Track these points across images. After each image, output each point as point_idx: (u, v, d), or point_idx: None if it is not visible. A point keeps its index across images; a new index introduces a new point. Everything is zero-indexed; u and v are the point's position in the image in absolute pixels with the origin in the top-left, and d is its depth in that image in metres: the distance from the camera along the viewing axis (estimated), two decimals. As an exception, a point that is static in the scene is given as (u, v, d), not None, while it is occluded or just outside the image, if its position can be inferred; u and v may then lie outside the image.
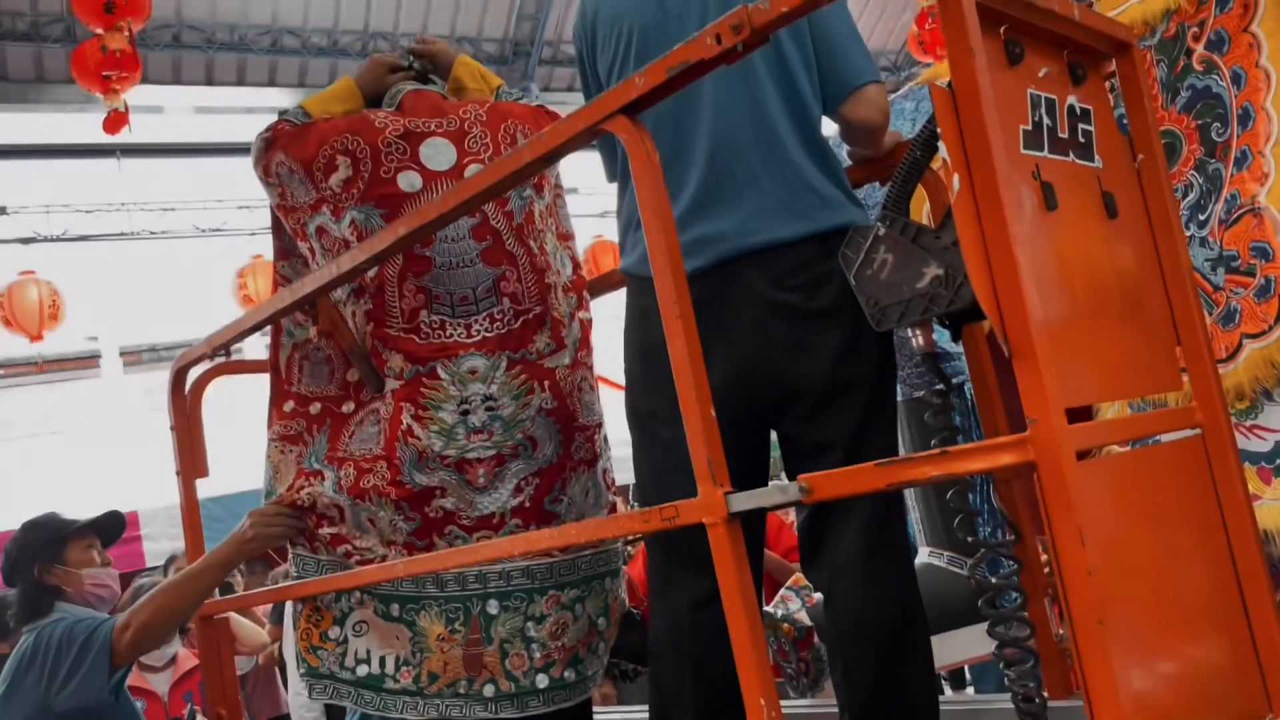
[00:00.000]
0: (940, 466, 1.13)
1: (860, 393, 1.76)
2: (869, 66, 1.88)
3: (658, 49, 1.92)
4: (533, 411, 2.14)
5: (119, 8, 6.67)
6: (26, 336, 8.24)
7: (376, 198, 2.14)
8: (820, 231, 1.78)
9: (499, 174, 1.60)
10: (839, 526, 1.76)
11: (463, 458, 2.10)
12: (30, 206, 9.28)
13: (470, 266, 2.14)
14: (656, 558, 1.91)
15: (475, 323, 2.14)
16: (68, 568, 2.64)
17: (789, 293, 1.75)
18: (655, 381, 1.86)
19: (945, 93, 1.19)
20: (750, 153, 1.82)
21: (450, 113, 2.23)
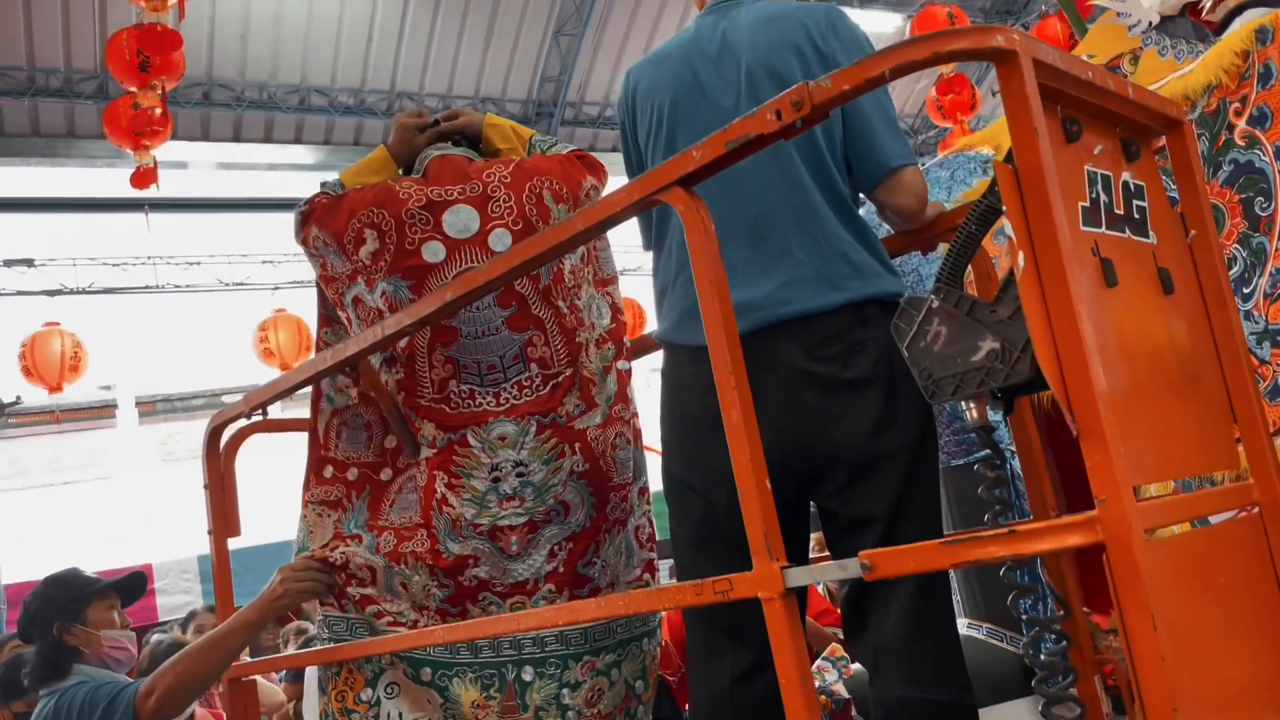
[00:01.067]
0: (1007, 547, 1.11)
1: (897, 464, 1.74)
2: (903, 150, 1.88)
3: (688, 122, 1.96)
4: (564, 475, 2.13)
5: (154, 67, 6.80)
6: (46, 388, 8.28)
7: (403, 269, 2.15)
8: (854, 301, 1.78)
9: (550, 242, 1.61)
10: (884, 600, 1.73)
11: (495, 525, 2.09)
12: (58, 259, 9.38)
13: (496, 335, 2.15)
14: (697, 629, 1.89)
15: (504, 390, 2.14)
16: (88, 629, 2.62)
17: (822, 363, 1.75)
18: (690, 452, 1.87)
19: (1009, 170, 1.19)
20: (783, 222, 1.83)
21: (474, 177, 2.23)
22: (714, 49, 1.95)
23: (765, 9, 1.98)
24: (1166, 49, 2.52)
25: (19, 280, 9.09)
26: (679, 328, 1.90)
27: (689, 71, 1.96)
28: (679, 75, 1.97)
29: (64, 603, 2.65)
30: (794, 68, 1.87)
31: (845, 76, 1.25)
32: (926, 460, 1.80)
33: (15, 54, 9.51)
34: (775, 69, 1.88)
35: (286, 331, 9.26)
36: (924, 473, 1.78)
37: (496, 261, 1.71)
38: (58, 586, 2.71)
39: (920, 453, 1.77)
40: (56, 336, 8.17)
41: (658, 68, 2.03)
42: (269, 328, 9.30)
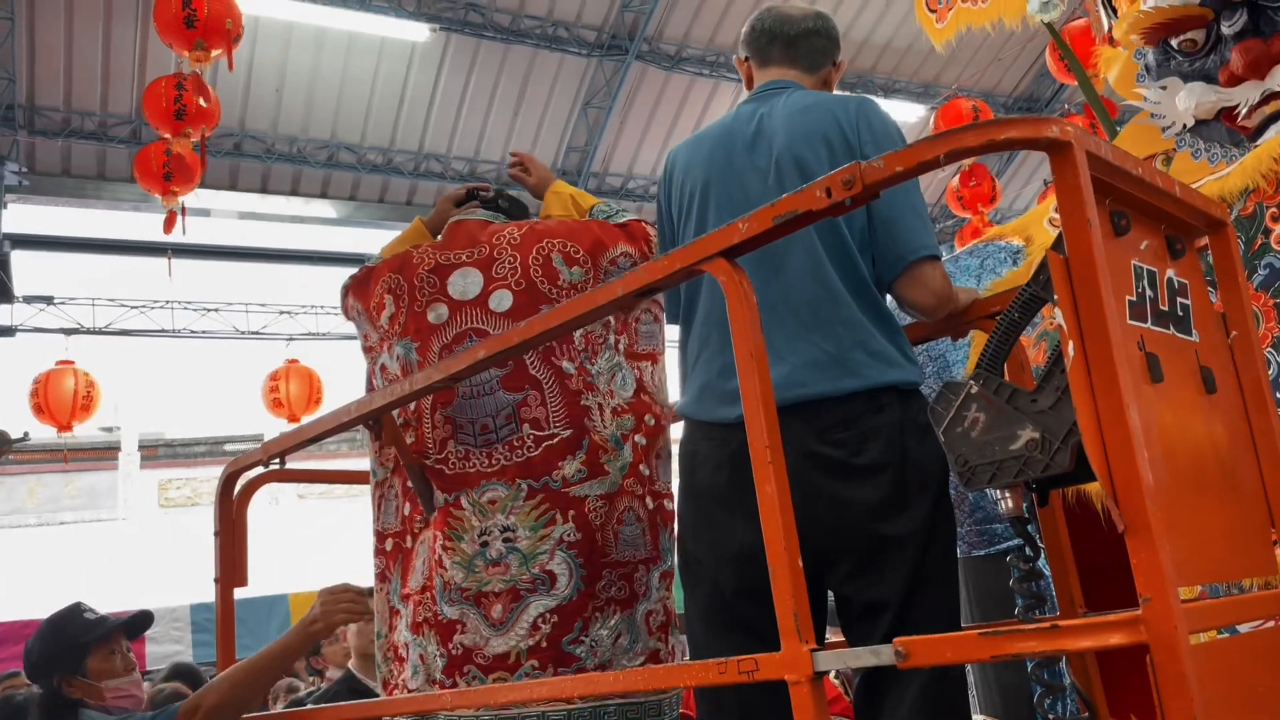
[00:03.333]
0: (1048, 642, 1.09)
1: (908, 551, 1.73)
2: (925, 242, 1.86)
3: (719, 203, 1.98)
4: (551, 544, 2.06)
5: (189, 115, 6.91)
6: (56, 426, 8.27)
7: (412, 331, 2.19)
8: (868, 388, 1.78)
9: (588, 306, 1.61)
10: (898, 690, 1.70)
11: (480, 591, 2.04)
12: (78, 298, 9.45)
13: (490, 395, 2.13)
14: (708, 710, 1.85)
15: (495, 451, 2.11)
16: (89, 680, 2.52)
17: (832, 446, 1.74)
18: (700, 527, 1.86)
19: (1061, 259, 1.19)
20: (802, 307, 1.83)
21: (483, 240, 2.25)
22: (749, 133, 1.98)
23: (802, 98, 2.01)
24: (1200, 152, 2.54)
25: (37, 317, 9.14)
26: (696, 402, 1.91)
27: (724, 154, 1.99)
28: (714, 156, 2.01)
29: (60, 654, 2.54)
30: (822, 158, 1.89)
31: (899, 159, 1.26)
32: (940, 548, 1.77)
33: (53, 95, 9.69)
34: (803, 158, 1.90)
35: (297, 383, 9.27)
36: (937, 560, 1.75)
37: (534, 321, 1.70)
38: (55, 635, 2.58)
39: (932, 540, 1.75)
40: (70, 375, 8.18)
41: (695, 148, 2.07)
42: (280, 378, 9.32)
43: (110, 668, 2.57)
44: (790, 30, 2.09)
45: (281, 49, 10.07)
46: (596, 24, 11.12)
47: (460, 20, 10.32)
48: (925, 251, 1.85)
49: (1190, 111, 2.53)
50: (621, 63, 11.21)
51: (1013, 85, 13.28)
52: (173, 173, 7.46)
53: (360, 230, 11.83)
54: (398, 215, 11.59)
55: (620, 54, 11.16)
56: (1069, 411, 1.35)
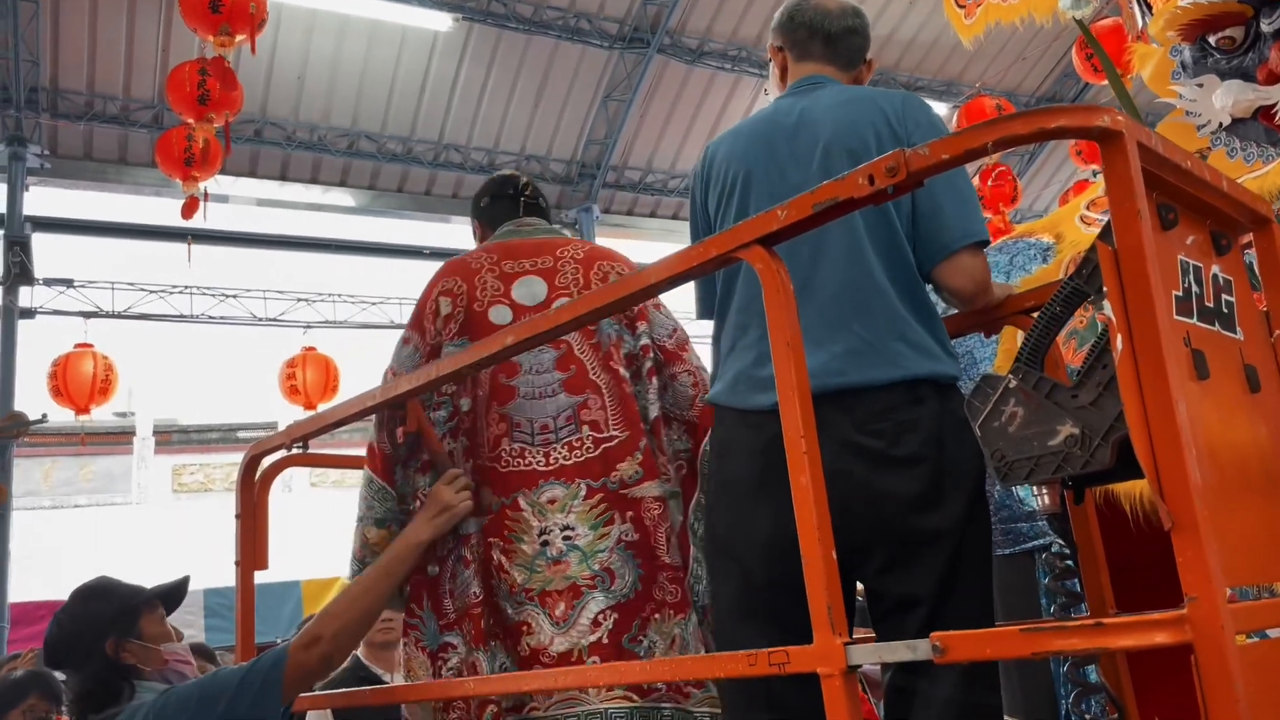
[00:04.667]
0: (1091, 639, 1.07)
1: (943, 545, 1.70)
2: (971, 229, 1.84)
3: (760, 193, 1.95)
4: (611, 542, 2.09)
5: (212, 101, 6.92)
6: (74, 409, 8.30)
7: (470, 331, 2.21)
8: (908, 379, 1.75)
9: (626, 291, 1.59)
10: (928, 688, 1.68)
11: (544, 591, 2.06)
12: (97, 281, 9.48)
13: (553, 397, 2.19)
14: (733, 702, 1.84)
15: (554, 450, 2.14)
16: (145, 643, 2.24)
17: (870, 437, 1.72)
18: (732, 516, 1.84)
19: (1110, 251, 1.17)
20: (844, 295, 1.81)
21: (547, 252, 2.33)
22: (791, 125, 1.96)
23: (845, 91, 2.00)
24: (1236, 151, 2.50)
25: (57, 300, 9.18)
26: (730, 390, 1.89)
27: (765, 145, 1.97)
28: (754, 148, 1.98)
29: (112, 617, 2.24)
30: (870, 146, 1.87)
31: (945, 146, 1.24)
32: (975, 544, 1.75)
33: (76, 78, 9.73)
34: (851, 147, 1.88)
35: (314, 370, 9.29)
36: (973, 556, 1.73)
37: (565, 308, 1.69)
38: (101, 599, 2.29)
39: (968, 536, 1.73)
40: (89, 358, 8.21)
41: (735, 140, 2.04)
42: (297, 365, 9.34)
43: (164, 631, 2.34)
44: (831, 27, 2.07)
45: (304, 36, 10.08)
46: (619, 16, 11.10)
47: (482, 10, 10.32)
48: (972, 239, 1.83)
49: (1227, 109, 2.49)
50: (643, 56, 11.19)
51: (1036, 84, 13.20)
52: (194, 158, 7.48)
53: (379, 220, 11.85)
54: (416, 205, 11.60)
55: (642, 47, 11.14)
56: (1110, 407, 1.33)
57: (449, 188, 11.72)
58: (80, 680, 2.19)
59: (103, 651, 2.18)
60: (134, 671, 2.19)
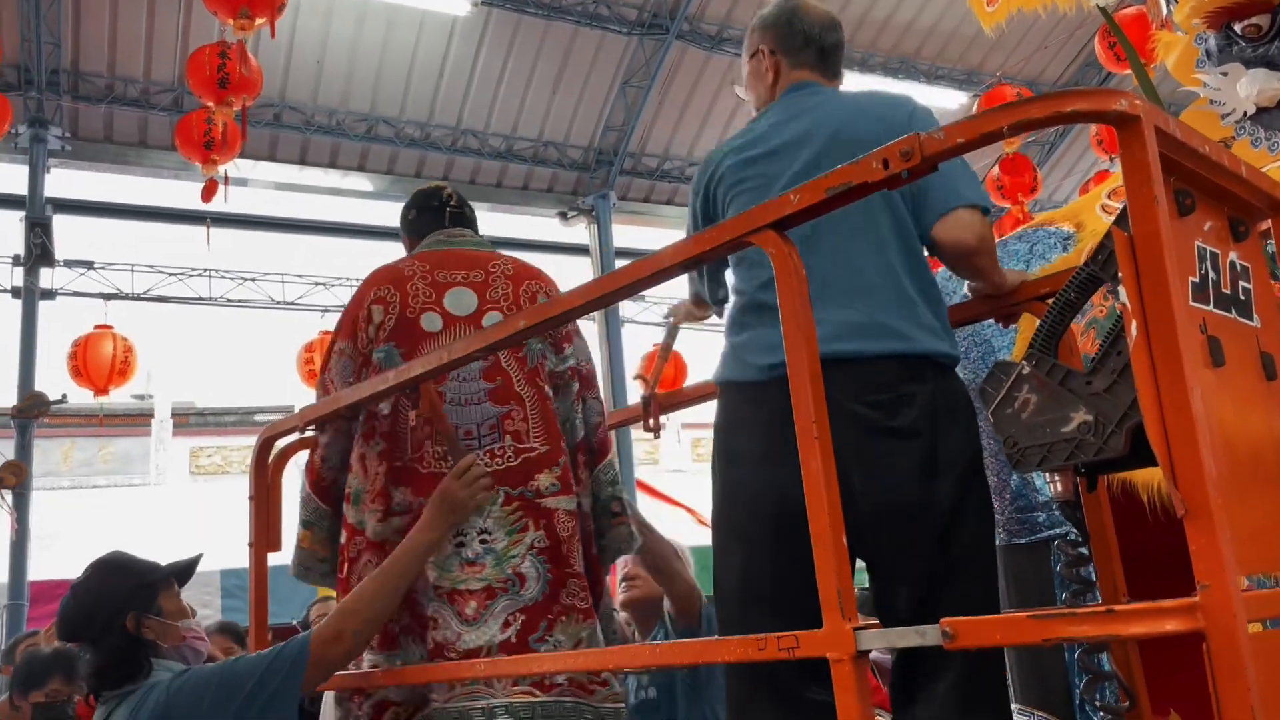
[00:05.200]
0: (1102, 626, 1.06)
1: (937, 521, 1.71)
2: (968, 193, 1.87)
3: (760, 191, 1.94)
4: (524, 548, 2.18)
5: (232, 84, 6.94)
6: (93, 390, 8.36)
7: (399, 336, 2.27)
8: (907, 353, 1.78)
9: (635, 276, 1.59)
10: (935, 677, 1.68)
11: (455, 589, 2.14)
12: (117, 263, 9.54)
13: (478, 405, 2.26)
14: (737, 685, 1.84)
15: (476, 458, 2.19)
16: (164, 619, 2.22)
17: (869, 408, 1.73)
18: (739, 496, 1.84)
19: (1125, 236, 1.16)
20: (851, 271, 1.82)
21: (479, 266, 2.39)
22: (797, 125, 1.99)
23: (846, 94, 2.06)
24: (1260, 140, 2.48)
25: (77, 281, 9.24)
26: (733, 362, 1.90)
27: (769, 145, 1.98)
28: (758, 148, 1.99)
29: (131, 592, 2.22)
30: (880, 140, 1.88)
31: (960, 130, 1.23)
32: (971, 523, 1.76)
33: (97, 61, 9.77)
34: (860, 138, 1.90)
35: (332, 354, 9.32)
36: (969, 536, 1.74)
37: (576, 291, 1.69)
38: (120, 573, 2.27)
39: (962, 515, 1.73)
40: (109, 340, 8.26)
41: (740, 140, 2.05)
42: (315, 349, 9.36)
43: (182, 608, 2.32)
44: (826, 40, 2.11)
45: (323, 20, 10.09)
46: (638, 2, 11.06)
47: (502, -5, 10.30)
48: (971, 199, 1.85)
49: (1251, 99, 2.47)
50: (662, 42, 11.15)
51: (1058, 74, 13.09)
52: (213, 141, 7.51)
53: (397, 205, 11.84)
54: (434, 190, 11.60)
55: (661, 33, 11.10)
56: (1125, 394, 1.32)
57: (466, 173, 11.73)
58: (98, 654, 2.17)
59: (122, 626, 2.15)
60: (152, 648, 2.17)
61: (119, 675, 2.13)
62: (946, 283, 2.61)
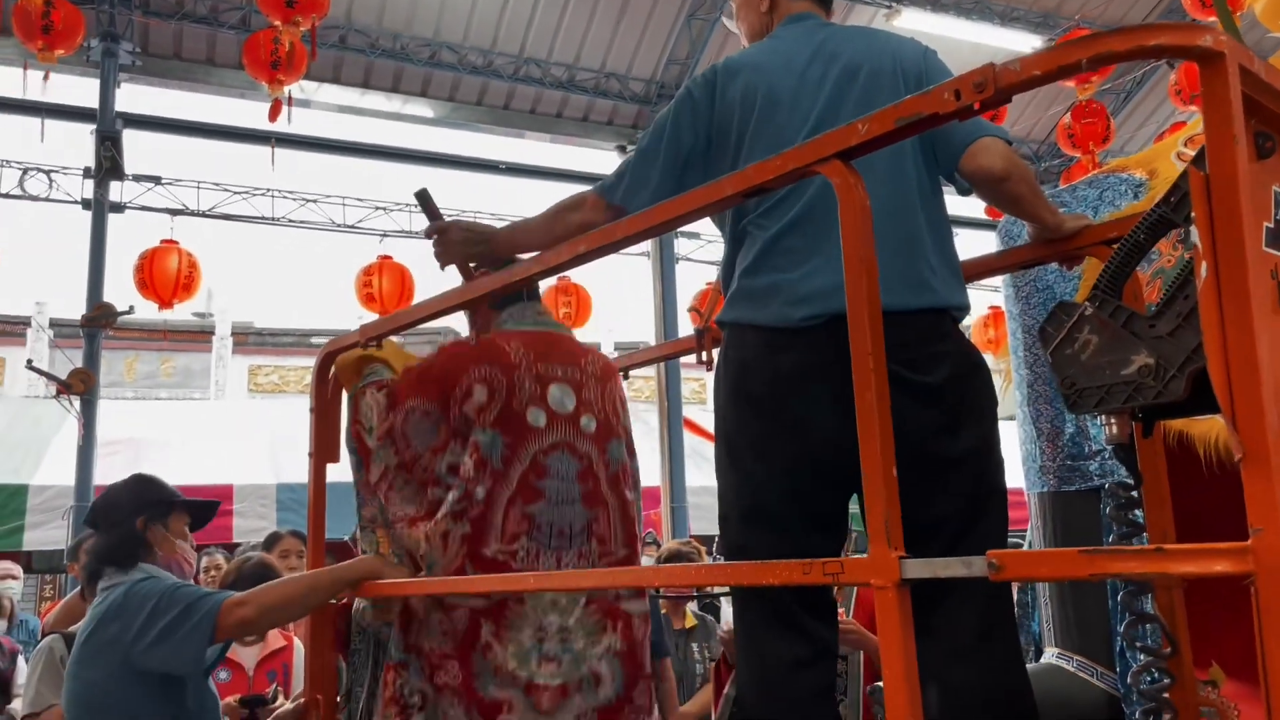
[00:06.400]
0: (1150, 564, 1.07)
1: (964, 472, 1.75)
2: (987, 126, 1.85)
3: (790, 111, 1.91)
4: (602, 649, 2.27)
5: (299, 4, 6.95)
6: (158, 303, 8.54)
7: (504, 426, 2.29)
8: (937, 307, 1.79)
9: (700, 202, 1.59)
10: (956, 612, 1.71)
11: (531, 681, 2.21)
12: (183, 180, 9.68)
13: (571, 504, 2.32)
14: (754, 613, 1.88)
15: (564, 555, 2.28)
16: (168, 533, 2.67)
17: (898, 362, 1.71)
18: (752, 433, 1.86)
19: (1201, 177, 1.14)
20: (885, 218, 1.79)
21: (573, 361, 2.45)
22: (810, 48, 1.97)
23: (852, 27, 2.07)
24: (1348, 89, 2.40)
25: (144, 196, 9.40)
26: (752, 305, 1.88)
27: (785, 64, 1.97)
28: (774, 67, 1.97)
29: (153, 501, 2.68)
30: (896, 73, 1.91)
31: (1037, 62, 1.21)
32: (993, 475, 1.81)
33: (168, -23, 9.82)
34: (876, 69, 1.92)
35: (390, 279, 9.42)
36: (990, 487, 1.78)
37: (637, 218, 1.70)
38: (148, 486, 2.74)
39: (986, 466, 1.78)
40: (174, 254, 8.42)
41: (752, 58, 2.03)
42: (374, 273, 9.47)
43: (184, 533, 2.73)
44: None
45: (390, -58, 10.04)
46: (708, -68, 10.86)
47: (570, -79, 10.15)
48: (990, 131, 1.84)
49: (1341, 45, 2.38)
50: (730, -26, 10.92)
51: (1139, 19, 12.65)
52: (280, 61, 7.55)
53: (457, 132, 11.86)
54: (494, 119, 11.58)
55: (730, -35, 10.87)
56: (1188, 338, 1.31)
57: (527, 103, 11.68)
58: (105, 538, 2.59)
59: (133, 524, 2.59)
60: (147, 550, 2.58)
61: (113, 559, 2.54)
62: (1011, 227, 2.57)
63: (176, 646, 2.37)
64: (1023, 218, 1.97)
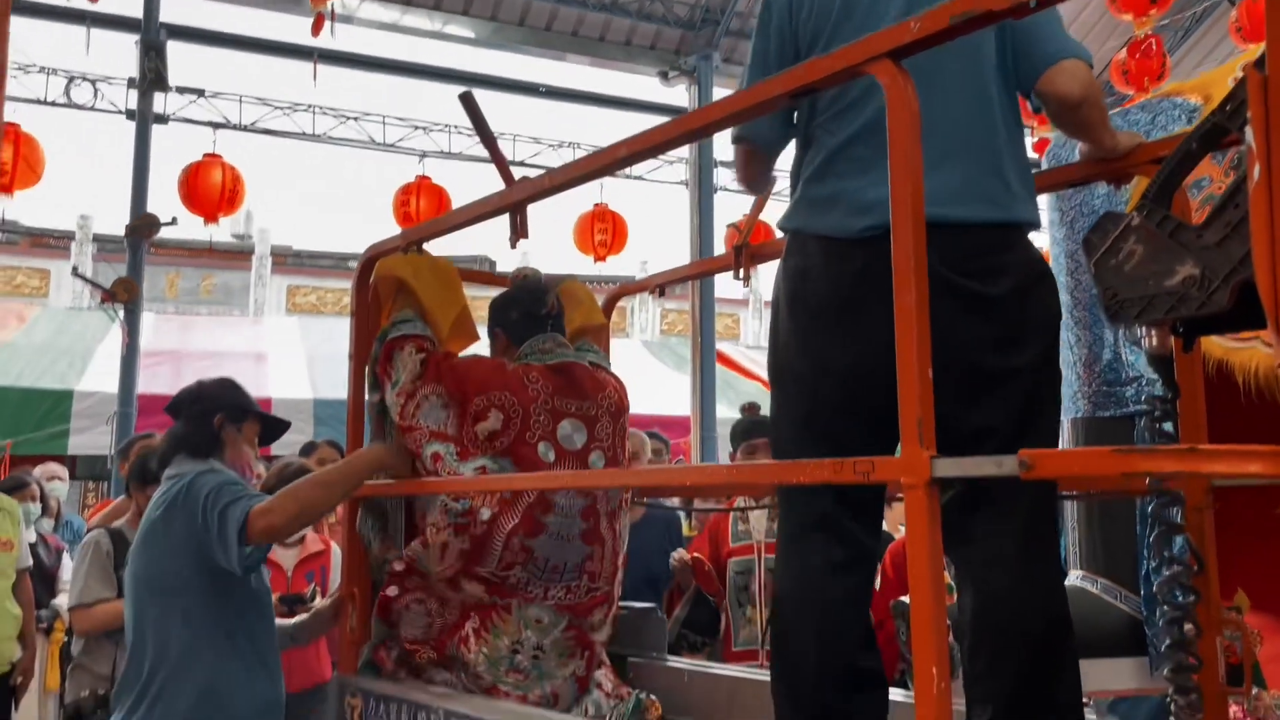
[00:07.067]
0: (1184, 463, 1.07)
1: (1020, 383, 1.73)
2: (1071, 45, 1.82)
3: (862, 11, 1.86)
4: (567, 673, 2.42)
5: (343, -85, 6.86)
6: (202, 217, 8.58)
7: (516, 455, 2.40)
8: (1004, 222, 1.77)
9: (753, 100, 1.58)
10: (997, 521, 1.71)
11: (495, 685, 2.33)
12: (226, 93, 9.67)
13: (571, 542, 2.42)
14: (794, 517, 1.89)
15: (553, 587, 2.41)
16: (240, 437, 2.76)
17: (959, 275, 1.72)
18: (807, 341, 1.84)
19: (1260, 78, 1.12)
20: (953, 127, 1.78)
21: (590, 397, 2.55)
22: None
23: None
24: None
25: (188, 109, 9.41)
26: (821, 215, 1.86)
27: None
28: None
29: (233, 403, 2.79)
30: None
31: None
32: (1050, 388, 1.80)
33: (212, -113, 9.71)
34: None
35: (428, 199, 9.41)
36: (1046, 399, 1.78)
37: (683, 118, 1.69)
38: (232, 389, 2.86)
39: (1043, 378, 1.77)
40: (218, 168, 8.43)
41: None
42: (411, 192, 9.46)
43: (254, 443, 2.83)
44: None
45: None
46: None
47: None
48: (1072, 53, 1.80)
49: None
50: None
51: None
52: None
53: (498, 53, 11.73)
54: (536, 40, 11.44)
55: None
56: (1236, 249, 1.29)
57: (570, 25, 11.51)
58: (183, 426, 2.72)
59: (212, 419, 2.71)
60: (219, 447, 2.69)
61: (188, 447, 2.67)
62: (1059, 150, 2.53)
63: (221, 545, 2.46)
64: (1084, 141, 1.93)
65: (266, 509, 2.40)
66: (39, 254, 18.41)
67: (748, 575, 3.60)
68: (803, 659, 1.78)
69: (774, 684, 1.83)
